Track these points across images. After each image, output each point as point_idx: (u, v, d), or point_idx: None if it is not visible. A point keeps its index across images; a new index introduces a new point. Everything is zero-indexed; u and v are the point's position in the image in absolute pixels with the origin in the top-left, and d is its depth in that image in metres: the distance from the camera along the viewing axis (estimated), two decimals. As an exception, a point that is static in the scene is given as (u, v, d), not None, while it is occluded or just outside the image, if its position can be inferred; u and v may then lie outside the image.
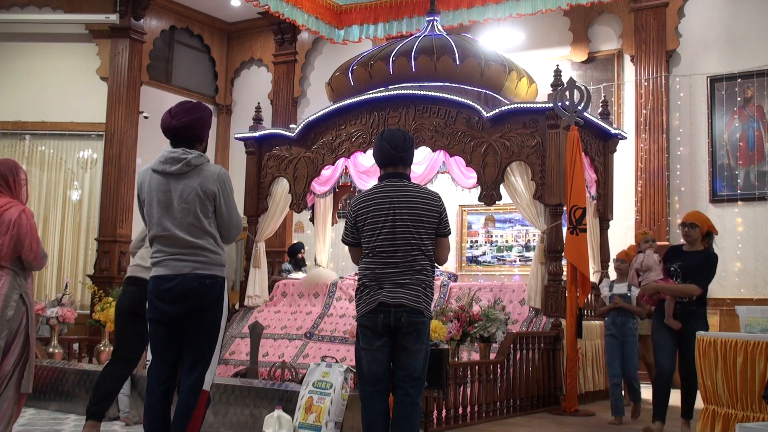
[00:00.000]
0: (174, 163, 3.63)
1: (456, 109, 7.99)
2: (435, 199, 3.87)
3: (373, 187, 3.96)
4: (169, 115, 3.72)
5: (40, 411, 6.30)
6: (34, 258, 4.17)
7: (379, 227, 3.78)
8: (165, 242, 3.62)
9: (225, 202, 3.68)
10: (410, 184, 3.91)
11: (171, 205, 3.61)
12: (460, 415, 5.92)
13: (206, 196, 3.62)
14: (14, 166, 4.39)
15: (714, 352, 5.24)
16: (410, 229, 3.76)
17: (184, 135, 3.68)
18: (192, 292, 3.60)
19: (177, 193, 3.61)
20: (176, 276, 3.59)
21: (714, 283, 9.21)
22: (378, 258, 3.76)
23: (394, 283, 3.73)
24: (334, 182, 9.18)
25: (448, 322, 6.20)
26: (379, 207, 3.80)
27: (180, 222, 3.60)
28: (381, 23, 11.07)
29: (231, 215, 3.71)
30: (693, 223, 5.64)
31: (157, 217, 3.64)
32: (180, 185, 3.61)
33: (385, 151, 3.89)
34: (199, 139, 3.75)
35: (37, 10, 11.50)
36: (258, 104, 9.98)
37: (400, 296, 3.71)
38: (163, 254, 3.64)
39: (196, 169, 3.63)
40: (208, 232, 3.63)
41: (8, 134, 11.53)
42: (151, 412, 3.65)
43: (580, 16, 10.49)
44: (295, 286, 9.07)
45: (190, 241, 3.59)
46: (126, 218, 11.36)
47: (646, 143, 9.75)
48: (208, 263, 3.63)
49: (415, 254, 3.76)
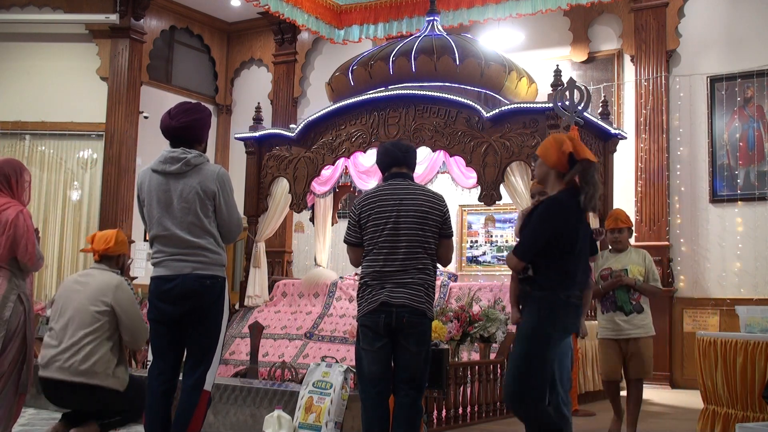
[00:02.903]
0: (173, 162, 3.62)
1: (456, 109, 8.00)
2: (439, 200, 3.89)
3: (377, 186, 3.98)
4: (169, 115, 3.72)
5: (40, 411, 6.29)
6: (30, 259, 4.15)
7: (382, 224, 3.77)
8: (165, 242, 3.62)
9: (225, 201, 3.67)
10: (415, 184, 3.93)
11: (171, 205, 3.61)
12: (460, 415, 5.92)
13: (206, 196, 3.61)
14: (19, 167, 4.35)
15: (714, 352, 5.24)
16: (414, 227, 3.76)
17: (183, 135, 3.68)
18: (192, 293, 3.59)
19: (177, 192, 3.61)
20: (176, 276, 3.59)
21: (714, 283, 9.33)
22: (380, 255, 3.75)
23: (397, 282, 3.71)
24: (334, 182, 9.19)
25: (448, 322, 6.20)
26: (384, 204, 3.80)
27: (180, 221, 3.59)
28: (381, 23, 11.06)
29: (231, 214, 3.70)
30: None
31: (157, 216, 3.63)
32: (180, 185, 3.61)
33: (390, 153, 3.94)
34: (198, 140, 3.75)
35: (37, 10, 11.49)
36: (258, 104, 9.98)
37: (403, 296, 3.70)
38: (163, 254, 3.64)
39: (195, 168, 3.63)
40: (208, 232, 3.63)
41: (8, 134, 11.52)
42: (152, 412, 3.65)
43: (580, 16, 10.49)
44: (295, 286, 9.07)
45: (190, 240, 3.58)
46: (126, 218, 11.36)
47: (646, 143, 9.74)
48: (209, 263, 3.62)
49: (418, 253, 3.75)
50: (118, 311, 4.00)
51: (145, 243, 11.87)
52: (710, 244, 9.39)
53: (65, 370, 3.91)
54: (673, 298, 9.46)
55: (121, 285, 4.04)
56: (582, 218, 3.59)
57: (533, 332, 3.47)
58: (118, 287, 4.01)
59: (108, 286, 4.07)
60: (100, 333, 3.98)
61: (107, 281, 4.10)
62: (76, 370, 3.90)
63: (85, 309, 4.00)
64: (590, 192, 3.48)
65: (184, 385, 3.65)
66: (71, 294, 4.10)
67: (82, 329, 3.97)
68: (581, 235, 3.56)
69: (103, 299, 4.02)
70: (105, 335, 3.99)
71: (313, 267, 9.72)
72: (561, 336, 3.56)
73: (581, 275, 3.60)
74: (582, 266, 3.63)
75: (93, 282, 4.11)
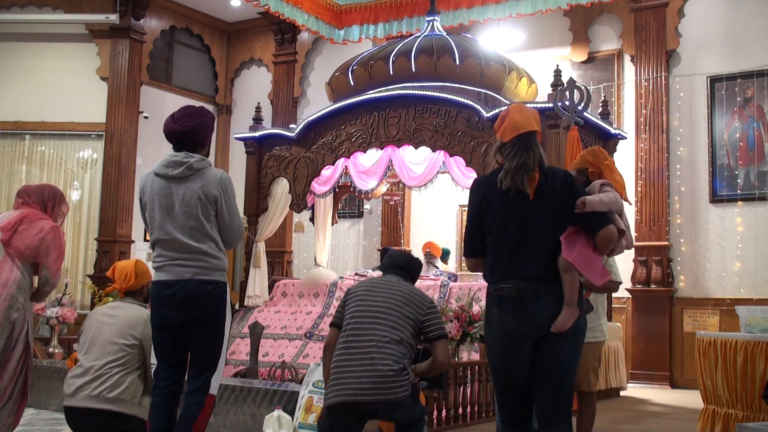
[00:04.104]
0: (176, 166, 3.63)
1: (456, 109, 7.99)
2: (426, 300, 3.72)
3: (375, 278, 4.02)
4: (172, 119, 3.72)
5: (40, 411, 6.30)
6: (56, 271, 4.14)
7: (359, 304, 3.69)
8: (166, 246, 3.62)
9: (227, 205, 3.67)
10: (409, 283, 3.85)
11: (173, 209, 3.61)
12: (460, 415, 5.92)
13: (208, 200, 3.61)
14: (59, 195, 4.39)
15: (714, 352, 5.25)
16: (385, 315, 3.59)
17: (186, 139, 3.69)
18: (194, 298, 3.59)
19: (179, 196, 3.61)
20: (178, 281, 3.59)
21: (714, 283, 9.33)
22: (349, 337, 3.60)
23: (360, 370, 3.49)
24: (334, 182, 9.18)
25: (448, 322, 6.20)
26: (371, 289, 3.74)
27: (182, 225, 3.59)
28: (381, 23, 11.07)
29: (233, 219, 3.71)
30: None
31: (159, 220, 3.63)
32: (182, 189, 3.61)
33: (394, 256, 3.98)
34: (201, 144, 3.75)
35: (37, 10, 11.50)
36: (258, 104, 9.98)
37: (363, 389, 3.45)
38: (164, 258, 3.64)
39: (198, 172, 3.63)
40: (209, 236, 3.63)
41: (8, 134, 11.53)
42: (158, 412, 3.66)
43: (580, 16, 10.49)
44: (295, 286, 9.07)
45: (191, 245, 3.59)
46: (126, 218, 11.37)
47: (646, 143, 9.75)
48: (210, 268, 3.62)
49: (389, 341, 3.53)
50: (146, 345, 4.04)
51: (145, 243, 11.87)
52: (710, 244, 9.39)
53: (93, 398, 3.92)
54: (673, 298, 9.46)
55: (150, 320, 4.05)
56: (500, 193, 3.15)
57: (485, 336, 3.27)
58: (147, 323, 4.02)
59: (137, 321, 4.10)
60: (128, 365, 4.02)
61: (137, 316, 4.12)
62: (105, 398, 3.92)
63: (115, 342, 4.03)
64: (511, 164, 3.13)
65: (189, 389, 3.66)
66: (100, 326, 4.12)
67: (111, 360, 3.99)
68: (502, 211, 3.14)
69: (133, 333, 4.05)
70: (133, 366, 4.03)
71: (313, 267, 9.73)
72: (505, 338, 3.11)
73: (513, 259, 3.12)
74: (518, 249, 3.12)
75: (122, 315, 4.13)
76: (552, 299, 3.09)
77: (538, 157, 3.16)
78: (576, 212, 3.11)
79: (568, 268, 3.09)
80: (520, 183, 3.12)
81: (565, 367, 3.12)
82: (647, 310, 9.37)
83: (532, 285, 3.07)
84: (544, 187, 3.14)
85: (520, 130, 3.18)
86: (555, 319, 3.06)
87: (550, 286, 3.09)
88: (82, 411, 3.96)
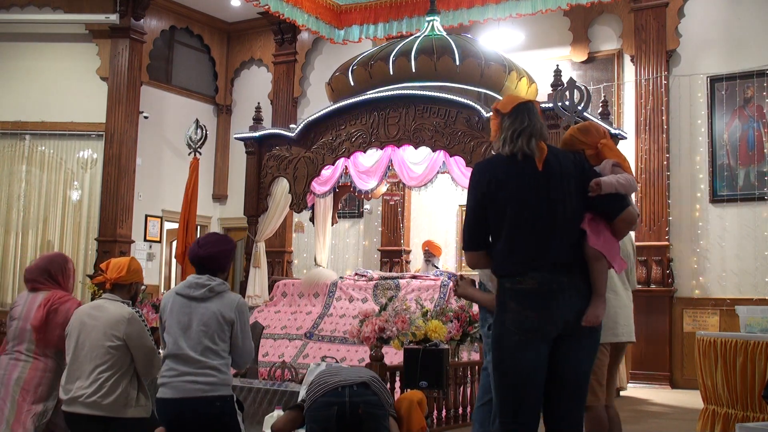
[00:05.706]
0: (198, 288, 3.83)
1: (456, 109, 8.00)
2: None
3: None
4: (197, 245, 3.95)
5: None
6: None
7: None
8: (177, 361, 3.74)
9: (241, 329, 3.85)
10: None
11: (190, 327, 3.78)
12: (460, 415, 5.92)
13: (224, 321, 3.80)
14: (63, 262, 4.51)
15: (714, 352, 5.25)
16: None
17: (208, 264, 3.89)
18: (205, 417, 3.72)
19: (197, 316, 3.78)
20: (185, 400, 3.69)
21: (714, 283, 9.33)
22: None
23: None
24: (334, 182, 9.19)
25: (448, 322, 6.19)
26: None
27: (196, 343, 3.74)
28: (381, 23, 11.07)
29: (245, 343, 3.88)
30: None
31: (175, 337, 3.78)
32: (201, 309, 3.80)
33: None
34: (222, 269, 3.95)
35: (37, 10, 11.50)
36: (258, 104, 9.99)
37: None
38: (173, 372, 3.74)
39: (218, 295, 3.83)
40: (220, 356, 3.78)
41: (8, 134, 11.53)
42: None
43: (580, 16, 10.49)
44: (295, 286, 9.07)
45: (202, 361, 3.72)
46: (126, 218, 11.37)
47: (646, 143, 9.75)
48: (218, 384, 3.74)
49: None
50: (130, 345, 4.07)
51: (145, 243, 11.89)
52: (710, 244, 9.39)
53: (89, 405, 3.96)
54: (673, 298, 9.46)
55: (132, 319, 4.07)
56: (511, 172, 2.88)
57: (489, 337, 3.00)
58: (130, 321, 4.05)
59: (119, 320, 4.10)
60: (116, 368, 4.05)
61: (118, 315, 4.12)
62: (100, 405, 3.96)
63: (101, 344, 4.05)
64: (513, 127, 2.92)
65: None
66: (84, 328, 4.13)
67: (99, 365, 4.03)
68: (514, 192, 2.87)
69: (116, 333, 4.06)
70: (122, 369, 4.06)
71: (313, 267, 9.73)
72: (524, 337, 2.82)
73: (534, 248, 2.85)
74: (537, 236, 2.85)
75: (103, 316, 4.14)
76: (575, 293, 2.83)
77: (541, 125, 2.93)
78: (591, 195, 2.86)
79: (598, 256, 2.86)
80: (526, 145, 2.86)
81: (584, 370, 2.90)
82: (647, 310, 9.36)
83: (556, 277, 2.80)
84: (554, 162, 2.87)
85: (518, 100, 3.01)
86: (579, 316, 2.83)
87: (572, 279, 2.83)
88: (81, 417, 3.99)
